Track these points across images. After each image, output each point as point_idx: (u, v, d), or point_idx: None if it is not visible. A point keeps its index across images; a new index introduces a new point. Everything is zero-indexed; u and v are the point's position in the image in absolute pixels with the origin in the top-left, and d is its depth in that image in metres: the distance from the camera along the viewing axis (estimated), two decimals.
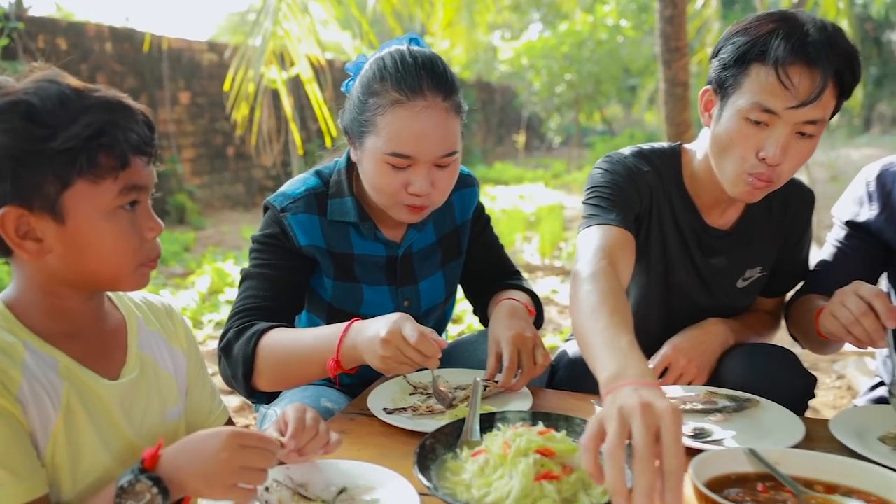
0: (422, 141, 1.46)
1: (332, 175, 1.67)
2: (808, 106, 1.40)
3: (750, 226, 1.73)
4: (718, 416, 1.41)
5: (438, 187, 1.52)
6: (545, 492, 1.00)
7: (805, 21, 1.42)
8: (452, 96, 1.51)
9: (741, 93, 1.46)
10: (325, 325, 1.50)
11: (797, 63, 1.39)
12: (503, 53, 16.15)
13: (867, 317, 1.34)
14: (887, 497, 1.05)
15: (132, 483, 0.94)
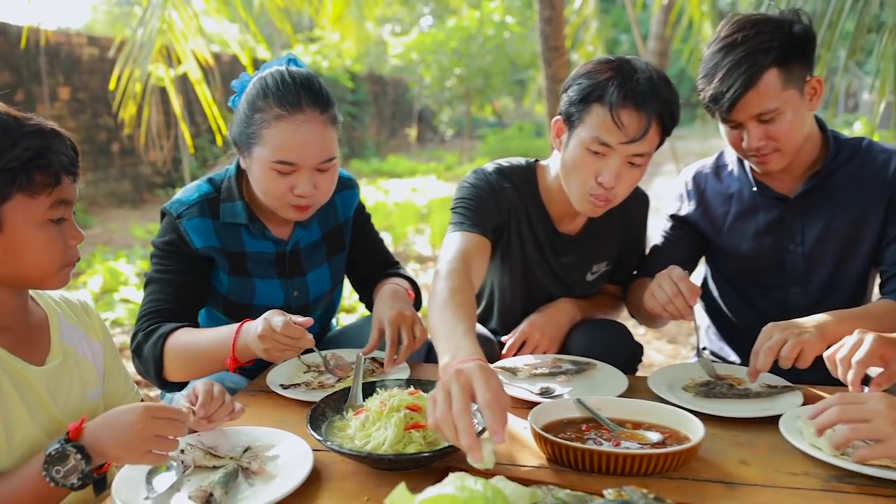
0: (303, 149, 1.67)
1: (224, 181, 1.85)
2: (636, 143, 1.71)
3: (594, 230, 2.04)
4: (563, 377, 1.71)
5: (321, 189, 1.74)
6: (413, 438, 1.26)
7: (637, 69, 1.72)
8: (328, 110, 1.72)
9: (584, 127, 1.74)
10: (221, 326, 1.67)
11: (628, 107, 1.68)
12: (393, 49, 16.31)
13: (678, 297, 1.66)
14: (676, 427, 1.37)
15: (59, 451, 1.12)
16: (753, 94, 1.71)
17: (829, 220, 1.89)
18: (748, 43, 1.71)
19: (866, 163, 1.88)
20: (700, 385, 1.63)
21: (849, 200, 1.87)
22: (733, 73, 1.71)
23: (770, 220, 1.94)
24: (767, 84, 1.70)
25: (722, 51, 1.74)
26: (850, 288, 1.93)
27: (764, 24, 1.74)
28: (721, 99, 1.73)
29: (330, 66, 15.49)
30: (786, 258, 1.94)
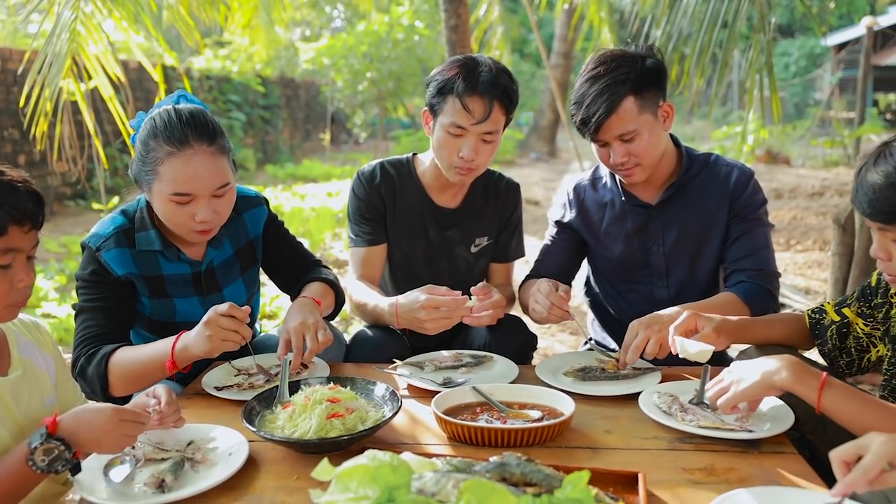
0: (196, 181, 1.85)
1: (136, 212, 2.02)
2: (484, 123, 2.11)
3: (472, 205, 2.40)
4: (464, 369, 1.98)
5: (220, 213, 1.94)
6: (334, 425, 1.49)
7: (480, 64, 2.11)
8: (217, 141, 1.90)
9: (443, 114, 2.14)
10: (158, 340, 1.86)
11: (473, 95, 2.09)
12: (305, 54, 16.29)
13: (553, 308, 1.99)
14: (553, 406, 1.66)
15: (42, 443, 1.28)
16: (614, 118, 2.04)
17: (684, 223, 2.24)
18: (609, 75, 2.05)
19: (713, 174, 2.24)
20: (577, 370, 1.93)
21: (699, 207, 2.23)
22: (597, 100, 2.04)
23: (637, 224, 2.28)
24: (625, 109, 2.04)
25: (588, 81, 2.09)
26: (703, 282, 2.28)
27: (622, 59, 2.08)
28: (588, 122, 2.06)
29: (240, 71, 15.38)
30: (650, 257, 2.28)
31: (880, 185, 1.48)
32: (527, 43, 27.05)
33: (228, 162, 1.94)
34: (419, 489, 1.14)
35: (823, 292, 5.23)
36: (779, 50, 23.54)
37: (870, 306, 1.84)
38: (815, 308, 1.97)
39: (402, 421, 1.67)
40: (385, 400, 1.64)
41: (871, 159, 1.53)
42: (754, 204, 2.22)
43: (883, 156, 1.51)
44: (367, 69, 15.90)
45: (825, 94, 20.01)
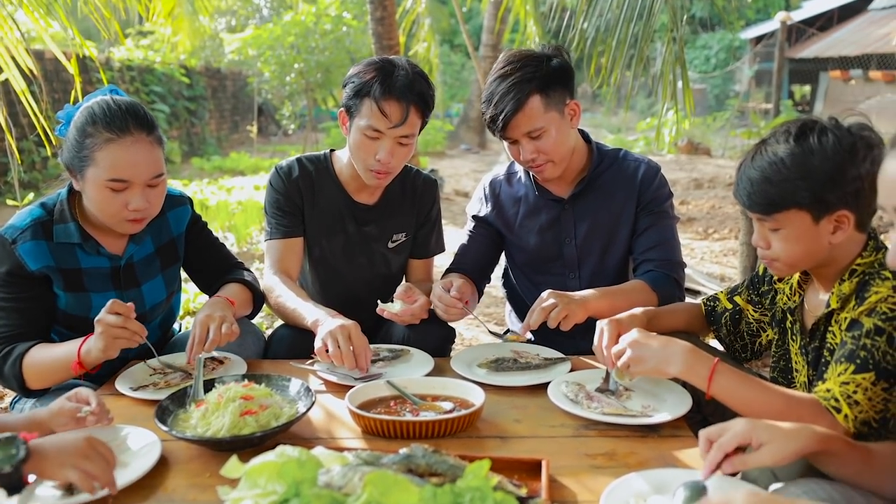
0: (135, 168, 1.88)
1: (56, 205, 2.00)
2: (400, 127, 2.13)
3: (389, 201, 2.42)
4: (381, 363, 2.02)
5: (152, 203, 1.96)
6: (247, 422, 1.51)
7: (397, 67, 2.13)
8: (154, 132, 1.94)
9: (360, 117, 2.16)
10: (70, 340, 1.87)
11: (389, 100, 2.10)
12: (230, 45, 15.96)
13: (450, 309, 2.07)
14: (465, 397, 1.71)
15: (9, 438, 1.23)
16: (521, 116, 2.11)
17: (594, 217, 2.32)
18: (515, 74, 2.12)
19: (621, 169, 2.33)
20: (491, 362, 1.99)
21: (609, 200, 2.32)
22: (504, 99, 2.11)
23: (550, 218, 2.36)
24: (532, 107, 2.11)
25: (497, 80, 2.15)
26: (613, 273, 2.37)
27: (529, 59, 2.15)
28: (497, 120, 2.13)
29: (163, 61, 14.98)
30: (563, 250, 2.36)
31: (757, 179, 1.60)
32: (457, 34, 27.06)
33: (163, 154, 1.98)
34: (326, 483, 1.17)
35: (735, 278, 5.46)
36: (699, 43, 24.24)
37: (758, 293, 1.97)
38: (710, 297, 2.10)
39: (318, 416, 1.70)
40: (300, 396, 1.67)
41: (749, 156, 1.65)
42: (660, 197, 2.32)
43: (759, 152, 1.63)
44: (294, 60, 15.68)
45: (743, 86, 20.77)
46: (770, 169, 1.58)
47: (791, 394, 1.57)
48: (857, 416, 1.49)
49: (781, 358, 1.87)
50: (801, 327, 1.78)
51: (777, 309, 1.89)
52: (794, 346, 1.81)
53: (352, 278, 2.40)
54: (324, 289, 2.43)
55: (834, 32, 19.52)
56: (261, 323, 4.38)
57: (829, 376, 1.56)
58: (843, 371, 1.53)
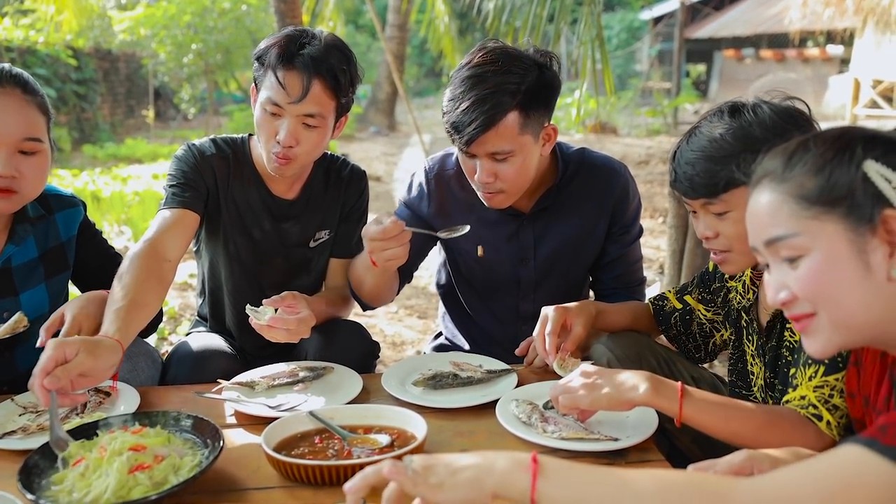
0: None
1: None
2: (301, 103, 1.82)
3: (311, 196, 2.11)
4: (301, 385, 1.75)
5: (25, 176, 1.69)
6: (139, 480, 1.23)
7: (307, 36, 1.85)
8: (35, 95, 1.72)
9: (263, 90, 1.88)
10: None
11: (289, 70, 1.82)
12: (118, 25, 15.04)
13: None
14: (403, 427, 1.47)
15: None
16: (492, 134, 1.76)
17: (558, 233, 2.06)
18: (496, 79, 1.75)
19: (589, 179, 2.05)
20: (428, 379, 1.75)
21: (575, 214, 2.05)
22: (476, 108, 1.74)
23: (508, 233, 2.06)
24: (506, 126, 1.76)
25: (469, 80, 1.78)
26: (571, 295, 2.10)
27: (515, 63, 1.78)
28: (461, 131, 1.77)
29: (47, 42, 13.94)
30: (520, 271, 2.09)
31: (699, 160, 1.49)
32: (361, 14, 26.54)
33: (45, 125, 1.75)
34: None
35: (658, 260, 5.42)
36: (602, 22, 24.65)
37: (709, 291, 1.85)
38: (658, 296, 1.96)
39: (228, 460, 1.41)
40: (203, 438, 1.39)
41: (683, 142, 1.55)
42: (633, 216, 2.12)
43: (693, 135, 1.53)
44: (191, 41, 14.99)
45: (645, 65, 21.18)
46: (711, 147, 1.48)
47: (767, 409, 1.44)
48: (838, 422, 1.37)
49: (739, 360, 1.74)
50: (756, 326, 1.65)
51: (731, 307, 1.75)
52: (749, 346, 1.68)
53: (267, 281, 2.08)
54: (236, 290, 2.11)
55: (728, 12, 20.16)
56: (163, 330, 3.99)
57: (800, 381, 1.43)
58: (814, 374, 1.41)
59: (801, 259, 1.05)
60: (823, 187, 1.03)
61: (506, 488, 0.94)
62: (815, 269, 1.04)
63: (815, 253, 1.04)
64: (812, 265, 1.04)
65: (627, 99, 15.97)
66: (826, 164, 1.04)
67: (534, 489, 0.92)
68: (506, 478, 0.94)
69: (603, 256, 2.12)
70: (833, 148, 1.05)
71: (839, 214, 1.02)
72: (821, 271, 1.03)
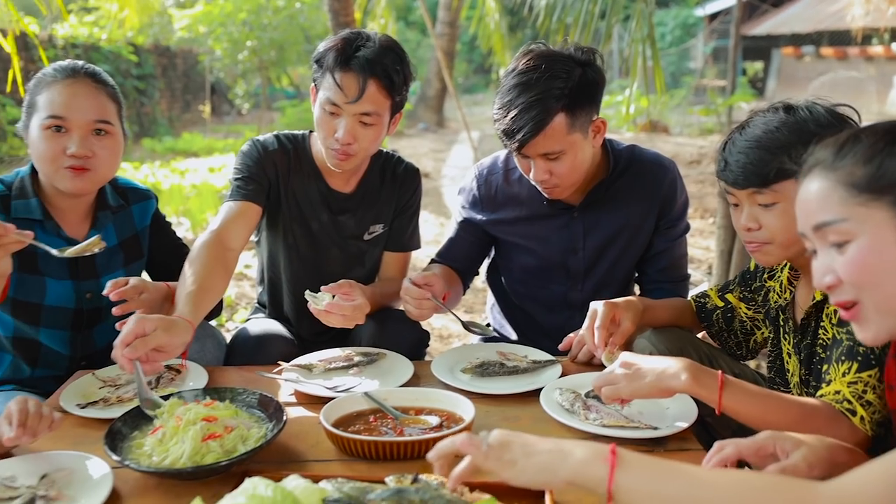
0: (72, 105, 1.80)
1: (16, 181, 1.88)
2: (357, 103, 1.92)
3: (367, 190, 2.22)
4: (356, 369, 1.86)
5: (98, 155, 1.83)
6: (211, 448, 1.34)
7: (363, 38, 1.95)
8: (105, 84, 1.89)
9: (322, 90, 1.97)
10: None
11: (345, 71, 1.92)
12: (178, 22, 15.43)
13: (421, 304, 1.87)
14: (452, 410, 1.56)
15: None
16: (541, 137, 1.86)
17: (608, 227, 2.14)
18: (540, 85, 1.84)
19: (639, 174, 2.13)
20: (476, 367, 1.84)
21: (624, 209, 2.13)
22: (524, 115, 1.84)
23: (558, 226, 2.15)
24: (554, 129, 1.85)
25: (517, 88, 1.87)
26: (619, 283, 2.22)
27: (559, 65, 1.87)
28: (512, 137, 1.88)
29: (110, 39, 14.41)
30: (569, 260, 2.18)
31: (751, 148, 1.53)
32: (412, 11, 26.71)
33: (116, 112, 1.90)
34: None
35: (707, 260, 5.40)
36: (654, 20, 24.32)
37: (750, 290, 1.89)
38: (700, 293, 2.01)
39: (290, 434, 1.52)
40: (268, 413, 1.50)
41: (734, 133, 1.60)
42: (681, 211, 2.19)
43: (746, 126, 1.58)
44: (247, 37, 15.28)
45: (699, 63, 20.85)
46: (765, 137, 1.52)
47: (804, 401, 1.47)
48: (871, 418, 1.40)
49: (777, 357, 1.78)
50: (792, 325, 1.70)
51: (770, 306, 1.80)
52: (786, 344, 1.73)
53: (323, 270, 2.19)
54: (295, 279, 2.23)
55: (787, 9, 19.69)
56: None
57: (834, 377, 1.47)
58: (847, 370, 1.45)
59: (848, 244, 1.09)
60: (873, 176, 1.08)
61: (581, 477, 0.99)
62: (862, 254, 1.08)
63: (862, 238, 1.08)
64: (859, 250, 1.08)
65: (680, 97, 15.77)
66: (876, 155, 1.09)
67: (611, 480, 0.97)
68: (583, 467, 0.99)
69: (649, 249, 2.19)
70: (884, 139, 1.10)
71: (887, 202, 1.07)
72: (867, 256, 1.08)
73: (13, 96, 10.27)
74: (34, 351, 1.93)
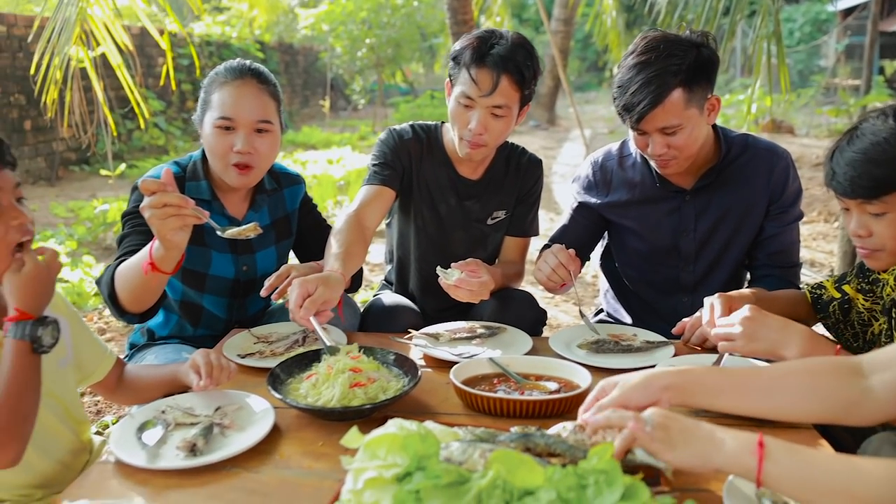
0: (239, 107, 2.01)
1: (189, 164, 2.15)
2: (490, 96, 2.08)
3: (493, 177, 2.39)
4: (478, 340, 2.01)
5: (259, 151, 2.05)
6: (356, 394, 1.53)
7: (497, 36, 2.10)
8: (268, 83, 2.10)
9: (457, 85, 2.16)
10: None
11: (480, 67, 2.08)
12: (304, 21, 16.11)
13: (559, 268, 2.01)
14: (570, 378, 1.69)
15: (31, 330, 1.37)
16: (659, 111, 1.97)
17: (719, 210, 2.22)
18: (659, 63, 1.96)
19: (752, 160, 2.21)
20: (591, 343, 1.96)
21: (736, 195, 2.21)
22: (643, 90, 1.96)
23: (669, 209, 2.26)
24: (672, 103, 1.96)
25: (636, 67, 1.99)
26: (730, 267, 2.29)
27: (675, 46, 1.98)
28: (631, 111, 2.00)
29: (239, 37, 15.23)
30: (680, 242, 2.27)
31: (859, 161, 1.54)
32: (525, 8, 26.75)
33: (275, 109, 2.11)
34: (446, 458, 1.17)
35: (829, 265, 5.26)
36: (783, 16, 23.27)
37: (868, 282, 1.90)
38: (815, 284, 2.03)
39: (421, 390, 1.70)
40: (404, 370, 1.68)
41: (843, 141, 1.60)
42: (793, 198, 2.23)
43: (855, 136, 1.57)
44: (366, 35, 15.76)
45: (830, 61, 19.86)
46: (873, 150, 1.53)
47: None
48: None
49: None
50: None
51: (886, 299, 1.81)
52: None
53: (448, 252, 2.38)
54: (422, 258, 2.43)
55: None
56: None
57: None
58: None
59: None
60: None
61: (732, 468, 1.09)
62: None
63: None
64: None
65: (808, 96, 15.10)
66: None
67: (760, 471, 1.04)
68: (733, 459, 1.08)
69: (760, 233, 2.24)
70: None
71: None
72: None
73: (154, 90, 11.07)
74: (197, 313, 2.20)
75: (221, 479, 1.33)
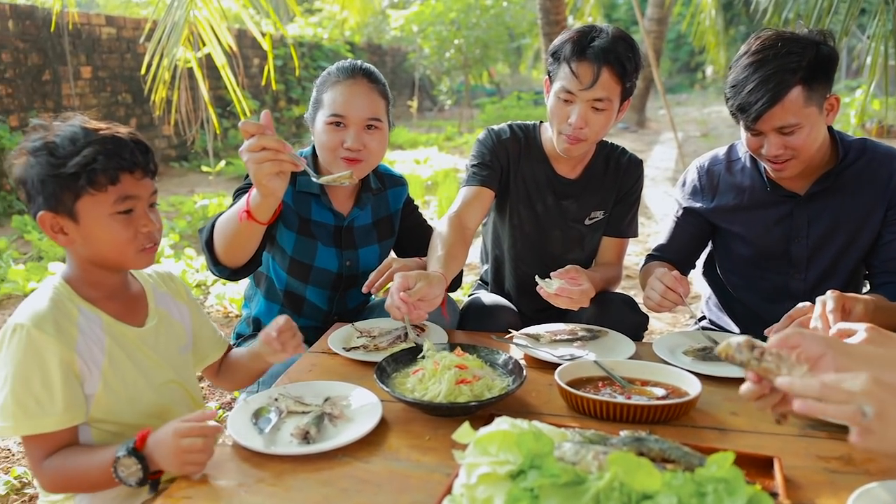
0: (350, 105, 2.07)
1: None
2: (591, 89, 2.08)
3: (590, 177, 2.36)
4: (579, 342, 1.99)
5: (368, 147, 2.10)
6: (462, 391, 1.54)
7: (596, 31, 2.09)
8: (378, 84, 2.14)
9: (557, 80, 2.14)
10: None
11: (580, 61, 2.08)
12: (394, 22, 16.33)
13: (668, 293, 1.96)
14: (677, 384, 1.65)
15: (125, 456, 1.34)
16: (778, 109, 1.90)
17: (834, 216, 2.13)
18: (777, 61, 1.89)
19: (870, 165, 2.10)
20: (698, 350, 1.91)
21: (852, 200, 2.11)
22: (761, 88, 1.89)
23: (780, 214, 2.18)
24: (791, 101, 1.89)
25: (752, 65, 1.93)
26: (845, 276, 2.19)
27: (794, 44, 1.92)
28: (748, 110, 1.93)
29: (330, 38, 15.57)
30: (791, 249, 2.19)
31: None
32: (615, 8, 26.37)
33: (384, 108, 2.16)
34: (559, 457, 1.17)
35: None
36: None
37: None
38: None
39: (525, 391, 1.70)
40: (508, 370, 1.68)
41: None
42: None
43: None
44: (454, 36, 15.84)
45: None
46: None
47: None
48: None
49: None
50: None
51: None
52: None
53: (544, 251, 2.38)
54: (518, 258, 2.43)
55: None
56: None
57: None
58: None
59: None
60: None
61: None
62: None
63: None
64: None
65: None
66: None
67: None
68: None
69: (878, 240, 2.13)
70: None
71: None
72: None
73: (248, 89, 11.44)
74: (300, 304, 2.26)
75: (334, 467, 1.36)
